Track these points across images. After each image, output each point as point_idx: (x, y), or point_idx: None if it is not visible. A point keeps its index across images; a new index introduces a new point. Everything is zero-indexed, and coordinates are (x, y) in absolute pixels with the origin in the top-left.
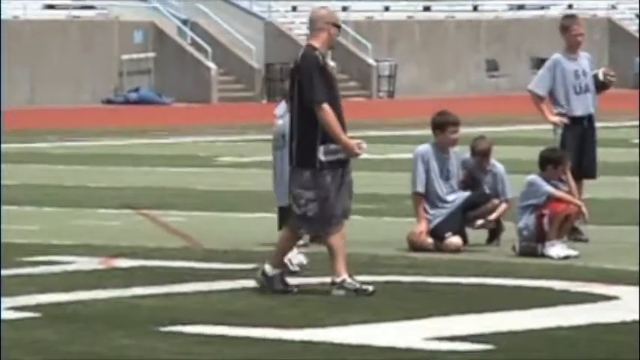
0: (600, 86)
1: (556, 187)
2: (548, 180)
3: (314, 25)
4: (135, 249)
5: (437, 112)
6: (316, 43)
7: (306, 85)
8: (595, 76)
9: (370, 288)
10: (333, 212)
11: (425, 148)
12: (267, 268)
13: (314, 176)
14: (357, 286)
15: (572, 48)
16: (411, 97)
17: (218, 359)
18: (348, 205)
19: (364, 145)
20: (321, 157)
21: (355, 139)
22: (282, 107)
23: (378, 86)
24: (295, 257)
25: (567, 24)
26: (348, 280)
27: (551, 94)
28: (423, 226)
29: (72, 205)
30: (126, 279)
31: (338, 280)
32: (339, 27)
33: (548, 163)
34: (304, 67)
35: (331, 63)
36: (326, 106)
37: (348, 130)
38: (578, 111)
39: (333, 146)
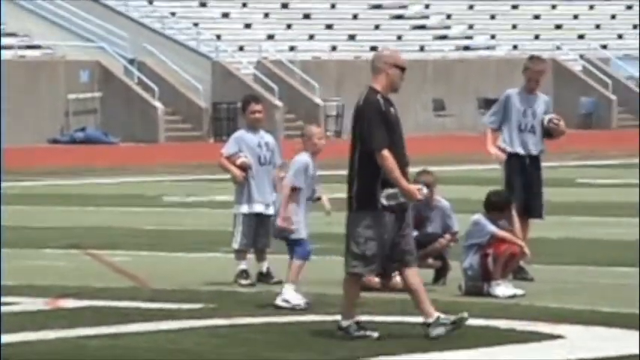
0: (545, 132)
1: (501, 227)
2: (494, 221)
3: (373, 64)
4: (81, 289)
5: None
6: (377, 86)
7: (366, 131)
8: (542, 121)
9: (465, 314)
10: (392, 252)
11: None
12: (342, 322)
13: (374, 217)
14: (452, 318)
15: (528, 85)
16: None
17: None
18: (408, 248)
19: (425, 191)
20: (383, 201)
21: (416, 185)
22: (229, 146)
23: (325, 126)
24: (294, 298)
25: (529, 64)
26: (442, 316)
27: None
28: None
29: (17, 246)
30: (72, 319)
31: (431, 319)
32: (402, 69)
33: (493, 208)
34: (365, 112)
35: (279, 103)
36: (385, 153)
37: None
38: (519, 149)
39: (392, 190)
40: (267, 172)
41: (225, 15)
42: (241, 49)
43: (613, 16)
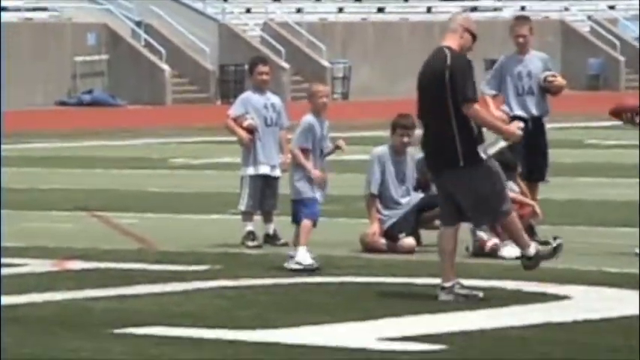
0: (545, 90)
1: (510, 189)
2: None
3: (449, 24)
4: (88, 251)
5: (398, 114)
6: (453, 45)
7: (461, 84)
8: (538, 80)
9: (480, 294)
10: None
11: (382, 149)
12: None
13: (485, 168)
14: (467, 292)
15: (518, 47)
16: (365, 99)
17: None
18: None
19: (521, 124)
20: (483, 155)
21: (513, 124)
22: (236, 108)
23: (332, 88)
24: (306, 258)
25: (512, 25)
26: (457, 285)
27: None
28: (375, 227)
29: (24, 208)
30: (79, 281)
31: (447, 284)
32: (473, 36)
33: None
34: (458, 67)
35: (285, 65)
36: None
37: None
38: (519, 112)
39: (487, 142)
40: (274, 133)
41: None
42: (248, 11)
43: None
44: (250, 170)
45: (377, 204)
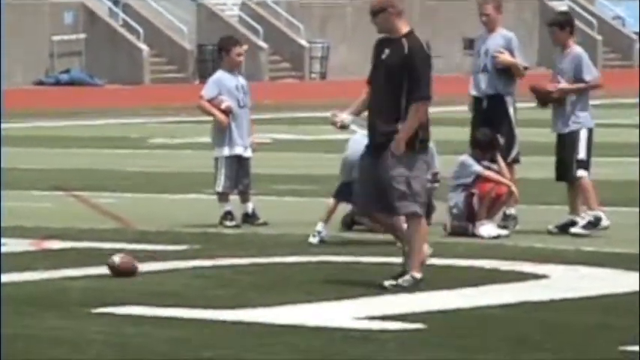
0: (505, 69)
1: (487, 167)
2: (478, 160)
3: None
4: (66, 230)
5: None
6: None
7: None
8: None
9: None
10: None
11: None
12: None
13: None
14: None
15: (484, 25)
16: (343, 79)
17: (150, 340)
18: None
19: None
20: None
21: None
22: (210, 89)
23: (310, 67)
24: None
25: (478, 3)
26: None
27: None
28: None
29: (2, 188)
30: (57, 260)
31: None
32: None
33: (476, 146)
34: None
35: (263, 45)
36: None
37: (281, 110)
38: (473, 90)
39: None
40: (245, 114)
41: None
42: None
43: None
44: (225, 151)
45: None
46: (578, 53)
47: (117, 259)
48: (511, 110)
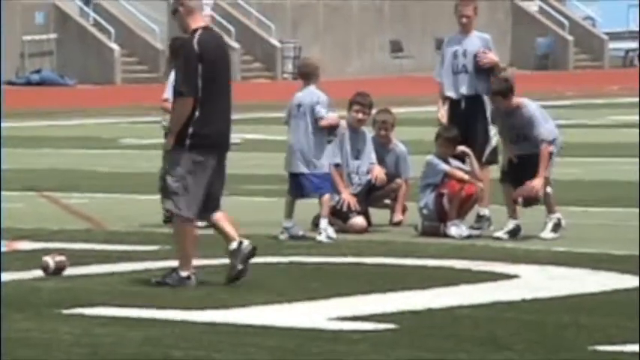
0: (485, 70)
1: (458, 167)
2: (443, 159)
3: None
4: (37, 231)
5: (357, 92)
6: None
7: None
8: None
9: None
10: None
11: (342, 124)
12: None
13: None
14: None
15: (460, 29)
16: None
17: (120, 341)
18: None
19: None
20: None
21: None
22: (169, 91)
23: (282, 67)
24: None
25: (456, 5)
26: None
27: None
28: (345, 195)
29: None
30: (27, 261)
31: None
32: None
33: (440, 144)
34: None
35: (235, 45)
36: None
37: (254, 111)
38: (449, 92)
39: None
40: None
41: None
42: None
43: None
44: None
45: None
46: (530, 112)
47: (51, 262)
48: (488, 111)
